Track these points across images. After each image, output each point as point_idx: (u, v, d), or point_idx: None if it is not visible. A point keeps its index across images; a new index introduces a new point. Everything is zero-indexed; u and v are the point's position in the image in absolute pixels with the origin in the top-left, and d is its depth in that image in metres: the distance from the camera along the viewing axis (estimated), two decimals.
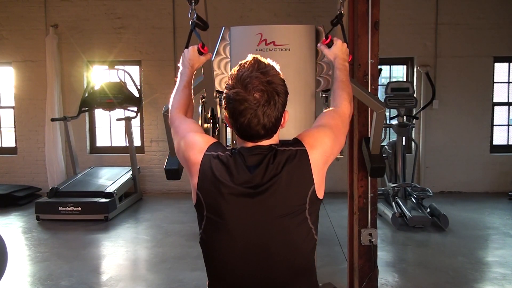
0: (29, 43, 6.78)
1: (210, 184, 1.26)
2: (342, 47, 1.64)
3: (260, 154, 1.28)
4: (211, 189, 1.26)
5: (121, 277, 3.75)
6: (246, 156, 1.28)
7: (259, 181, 1.24)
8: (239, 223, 1.24)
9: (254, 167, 1.26)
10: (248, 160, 1.27)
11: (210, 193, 1.26)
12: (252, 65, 1.27)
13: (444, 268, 3.82)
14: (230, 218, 1.24)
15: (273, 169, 1.25)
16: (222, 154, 1.29)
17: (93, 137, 7.08)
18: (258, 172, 1.25)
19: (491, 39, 6.47)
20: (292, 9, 6.56)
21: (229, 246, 1.26)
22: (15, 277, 3.71)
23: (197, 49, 1.63)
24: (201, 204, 1.28)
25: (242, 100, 1.23)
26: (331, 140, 1.35)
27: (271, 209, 1.23)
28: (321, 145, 1.32)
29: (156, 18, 6.66)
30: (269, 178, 1.24)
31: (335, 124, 1.41)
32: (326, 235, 4.53)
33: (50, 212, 5.35)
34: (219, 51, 2.43)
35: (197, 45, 1.64)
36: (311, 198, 1.26)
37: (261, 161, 1.26)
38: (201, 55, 1.63)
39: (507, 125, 6.87)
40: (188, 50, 1.64)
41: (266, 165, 1.25)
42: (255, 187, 1.24)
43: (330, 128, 1.38)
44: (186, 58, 1.62)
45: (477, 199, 6.20)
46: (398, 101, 5.47)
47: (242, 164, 1.26)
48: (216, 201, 1.25)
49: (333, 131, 1.38)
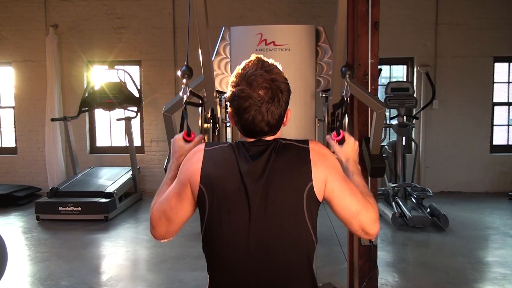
0: (29, 43, 6.78)
1: (212, 176, 1.27)
2: (354, 146, 1.52)
3: (263, 145, 1.30)
4: (213, 180, 1.27)
5: (121, 277, 3.75)
6: (248, 147, 1.30)
7: (261, 170, 1.25)
8: (240, 215, 1.25)
9: (256, 156, 1.28)
10: (250, 150, 1.29)
11: (212, 184, 1.27)
12: (256, 64, 1.30)
13: (444, 268, 3.82)
14: (232, 210, 1.25)
15: (275, 160, 1.26)
16: (224, 145, 1.32)
17: (93, 137, 7.08)
18: (260, 161, 1.26)
19: (491, 39, 6.47)
20: (292, 9, 6.57)
21: (230, 240, 1.26)
22: (15, 277, 3.71)
23: (182, 137, 1.53)
24: (203, 196, 1.28)
25: (246, 97, 1.26)
26: (335, 176, 1.29)
27: (270, 203, 1.24)
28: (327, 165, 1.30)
29: (156, 18, 6.66)
30: (270, 168, 1.25)
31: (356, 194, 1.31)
32: (326, 235, 4.53)
33: (50, 212, 5.35)
34: (219, 51, 2.43)
35: (182, 134, 1.53)
36: (308, 195, 1.25)
37: (264, 151, 1.28)
38: (187, 143, 1.53)
39: (507, 125, 6.87)
40: (174, 140, 1.54)
41: (268, 155, 1.27)
42: (256, 176, 1.25)
43: (347, 182, 1.32)
44: (173, 150, 1.53)
45: (477, 199, 6.20)
46: (398, 101, 5.46)
47: (244, 154, 1.28)
48: (218, 193, 1.26)
49: (349, 186, 1.31)
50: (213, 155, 1.31)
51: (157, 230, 1.37)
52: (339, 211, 1.30)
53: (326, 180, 1.28)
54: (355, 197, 1.29)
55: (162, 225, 1.36)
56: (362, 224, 1.29)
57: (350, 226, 1.31)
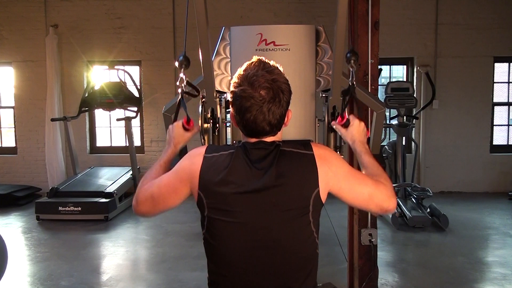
0: (29, 43, 6.78)
1: (212, 184, 1.27)
2: (359, 127, 1.55)
3: (264, 148, 1.31)
4: (213, 188, 1.27)
5: (121, 277, 3.75)
6: (249, 150, 1.31)
7: (262, 178, 1.25)
8: (241, 222, 1.25)
9: (258, 161, 1.28)
10: (252, 154, 1.30)
11: (212, 192, 1.27)
12: (257, 65, 1.31)
13: (444, 268, 3.82)
14: (233, 216, 1.26)
15: (278, 168, 1.26)
16: (224, 152, 1.32)
17: (93, 137, 7.08)
18: (262, 168, 1.27)
19: (491, 39, 6.47)
20: (292, 9, 6.57)
21: (232, 244, 1.27)
22: (15, 277, 3.71)
23: (181, 124, 1.54)
24: (202, 203, 1.29)
25: (248, 97, 1.27)
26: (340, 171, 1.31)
27: (274, 208, 1.25)
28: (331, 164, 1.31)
29: (156, 18, 6.66)
30: (274, 177, 1.25)
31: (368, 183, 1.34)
32: (326, 235, 4.53)
33: (50, 212, 5.35)
34: (219, 51, 2.43)
35: (182, 120, 1.54)
36: (314, 201, 1.27)
37: (266, 156, 1.29)
38: (186, 131, 1.56)
39: (507, 125, 6.87)
40: (173, 126, 1.56)
41: (270, 162, 1.27)
42: (257, 185, 1.25)
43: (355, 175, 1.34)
44: (171, 135, 1.56)
45: (477, 199, 6.20)
46: (398, 101, 5.47)
47: (246, 160, 1.29)
48: (218, 200, 1.27)
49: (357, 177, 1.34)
50: (211, 163, 1.30)
51: (140, 208, 1.39)
52: (352, 201, 1.34)
53: (330, 182, 1.29)
54: (364, 184, 1.32)
55: (146, 206, 1.38)
56: (378, 204, 1.33)
57: (368, 209, 1.37)
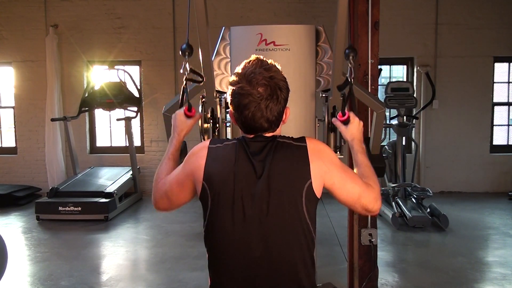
0: (29, 43, 6.78)
1: (216, 174, 1.30)
2: (359, 126, 1.57)
3: (262, 141, 1.34)
4: (217, 178, 1.30)
5: (121, 277, 3.75)
6: (248, 142, 1.34)
7: (260, 169, 1.29)
8: (241, 213, 1.27)
9: (255, 153, 1.31)
10: (251, 146, 1.33)
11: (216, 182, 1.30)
12: (255, 63, 1.34)
13: (444, 268, 3.82)
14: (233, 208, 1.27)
15: (273, 158, 1.29)
16: (228, 143, 1.35)
17: (93, 137, 7.08)
18: (259, 160, 1.30)
19: (491, 39, 6.47)
20: (292, 9, 6.57)
21: (231, 237, 1.28)
22: (15, 277, 3.71)
23: (183, 112, 1.55)
24: (205, 193, 1.31)
25: (246, 94, 1.30)
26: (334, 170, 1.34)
27: (270, 199, 1.26)
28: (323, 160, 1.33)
29: (156, 18, 6.66)
30: (269, 167, 1.28)
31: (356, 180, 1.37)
32: (326, 235, 4.53)
33: (50, 212, 5.35)
34: (219, 51, 2.43)
35: (184, 108, 1.55)
36: (307, 193, 1.28)
37: (263, 148, 1.32)
38: (188, 119, 1.58)
39: (507, 125, 6.87)
40: (175, 114, 1.59)
41: (267, 153, 1.31)
42: (256, 175, 1.28)
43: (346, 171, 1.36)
44: (174, 125, 1.58)
45: (477, 199, 6.20)
46: (398, 101, 5.47)
47: (245, 152, 1.31)
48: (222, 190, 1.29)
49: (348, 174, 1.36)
50: (216, 153, 1.34)
51: (159, 205, 1.47)
52: (341, 198, 1.37)
53: (325, 176, 1.32)
54: (355, 183, 1.36)
55: (164, 203, 1.45)
56: (364, 205, 1.37)
57: (354, 208, 1.40)
